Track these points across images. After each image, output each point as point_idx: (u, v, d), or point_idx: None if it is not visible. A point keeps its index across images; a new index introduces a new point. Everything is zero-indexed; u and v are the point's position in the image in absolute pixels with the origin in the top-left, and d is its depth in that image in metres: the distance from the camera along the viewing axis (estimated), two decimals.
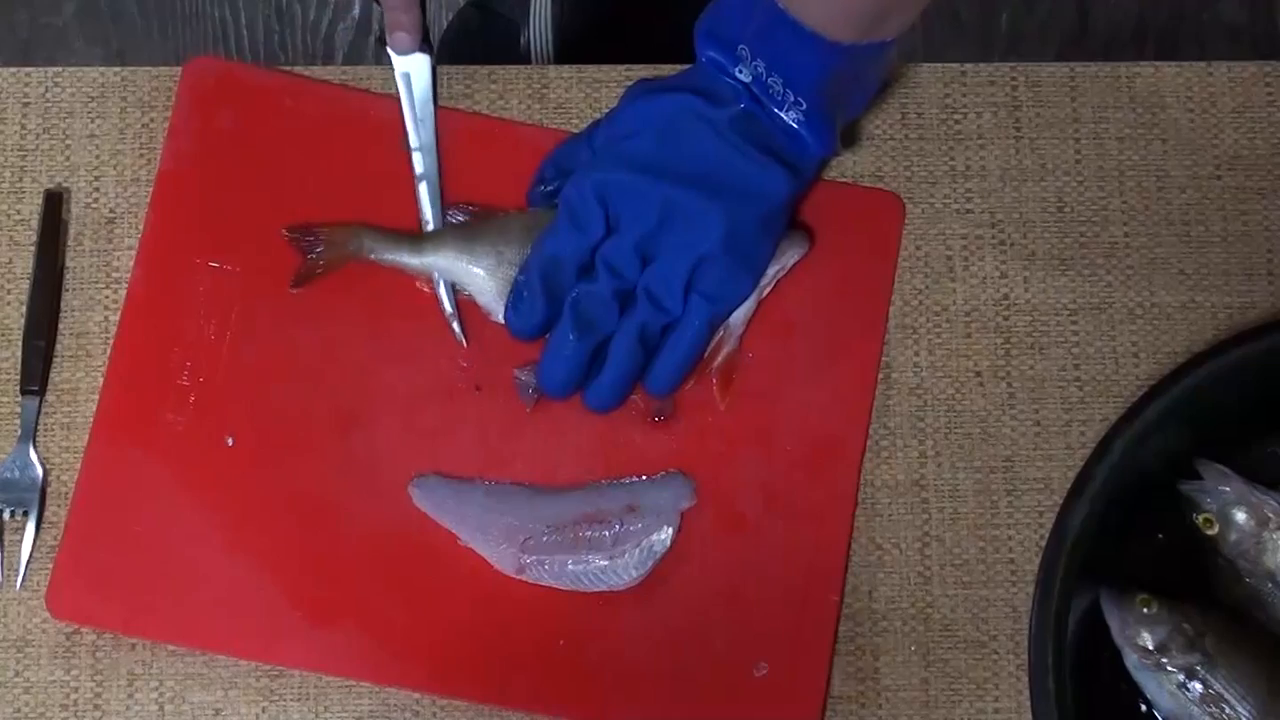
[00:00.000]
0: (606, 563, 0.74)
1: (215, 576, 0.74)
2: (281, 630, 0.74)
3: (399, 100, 0.78)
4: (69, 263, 0.79)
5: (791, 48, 0.70)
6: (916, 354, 0.78)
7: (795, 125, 0.73)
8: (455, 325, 0.77)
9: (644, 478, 0.76)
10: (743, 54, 0.72)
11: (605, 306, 0.73)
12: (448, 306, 0.77)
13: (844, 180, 0.80)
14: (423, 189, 0.78)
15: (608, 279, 0.73)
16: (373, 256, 0.77)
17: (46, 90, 0.81)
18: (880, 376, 0.78)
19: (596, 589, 0.74)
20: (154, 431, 0.76)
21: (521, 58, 1.14)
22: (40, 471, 0.76)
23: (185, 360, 0.76)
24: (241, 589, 0.74)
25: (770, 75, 0.71)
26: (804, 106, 0.72)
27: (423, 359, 0.77)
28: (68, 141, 0.80)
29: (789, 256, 0.76)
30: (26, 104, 0.81)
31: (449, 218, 0.78)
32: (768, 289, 0.76)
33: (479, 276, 0.76)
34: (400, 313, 0.77)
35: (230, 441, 0.76)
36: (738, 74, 0.72)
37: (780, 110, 0.73)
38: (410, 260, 0.76)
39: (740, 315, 0.75)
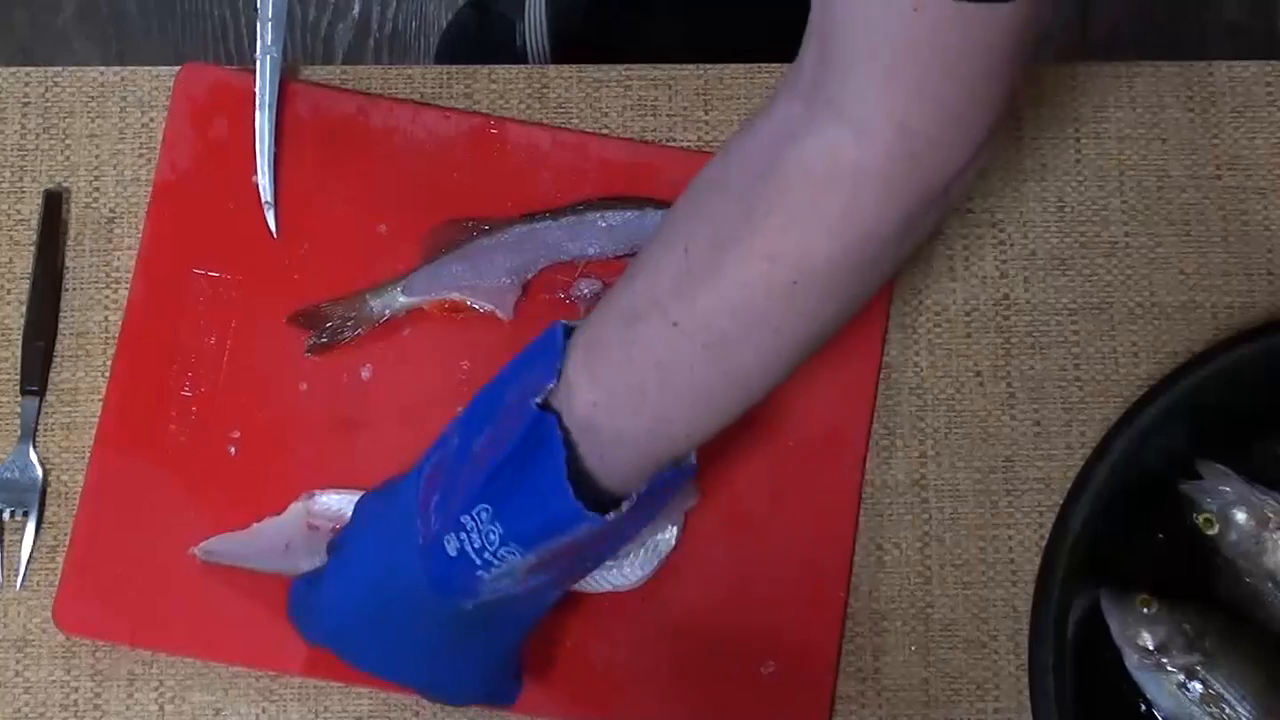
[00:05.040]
0: (612, 563, 0.74)
1: (222, 587, 0.74)
2: (289, 639, 0.73)
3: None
4: (69, 263, 0.79)
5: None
6: (916, 354, 0.78)
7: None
8: (270, 215, 0.76)
9: None
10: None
11: None
12: (266, 193, 0.76)
13: None
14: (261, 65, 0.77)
15: None
16: (388, 313, 0.76)
17: (46, 90, 0.81)
18: (880, 376, 0.78)
19: (602, 589, 0.74)
20: (158, 444, 0.75)
21: (519, 56, 1.14)
22: (40, 472, 0.76)
23: (187, 371, 0.76)
24: (248, 599, 0.74)
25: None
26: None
27: (423, 364, 0.77)
28: (67, 141, 0.80)
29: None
30: (26, 104, 0.80)
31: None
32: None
33: (473, 293, 0.76)
34: (399, 318, 0.77)
35: (233, 451, 0.76)
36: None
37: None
38: (408, 301, 0.76)
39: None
